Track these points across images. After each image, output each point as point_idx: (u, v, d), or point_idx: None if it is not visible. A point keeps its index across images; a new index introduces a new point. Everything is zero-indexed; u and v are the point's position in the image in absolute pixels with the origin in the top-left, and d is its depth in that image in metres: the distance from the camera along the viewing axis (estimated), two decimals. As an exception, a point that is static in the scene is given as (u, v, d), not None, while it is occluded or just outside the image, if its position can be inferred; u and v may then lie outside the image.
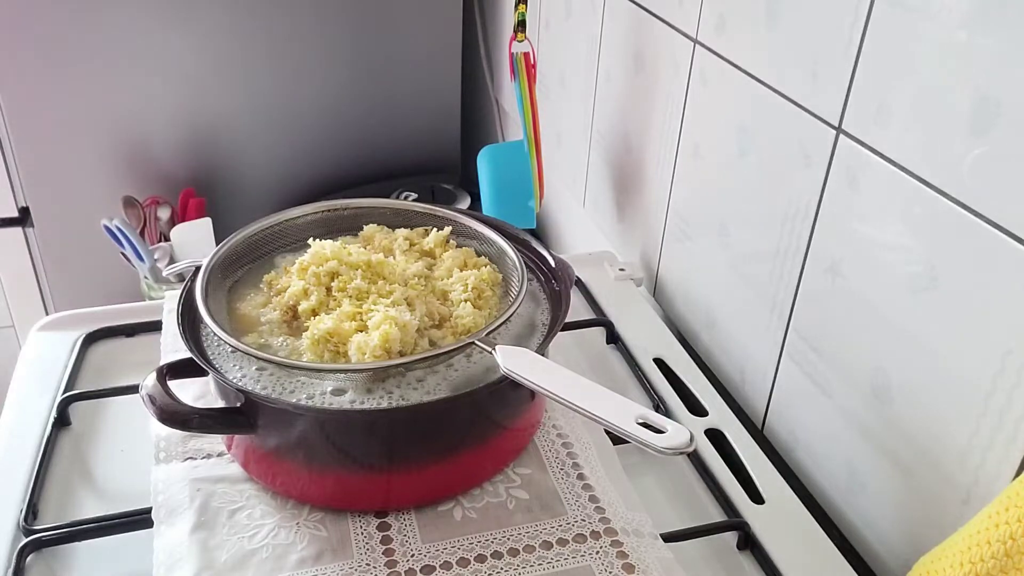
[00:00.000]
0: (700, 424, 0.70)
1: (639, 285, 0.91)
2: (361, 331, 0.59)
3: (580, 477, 0.61)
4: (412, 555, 0.55)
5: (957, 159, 0.50)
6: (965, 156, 0.49)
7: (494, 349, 0.56)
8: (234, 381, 0.57)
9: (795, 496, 0.64)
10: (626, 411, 0.50)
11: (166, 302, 0.78)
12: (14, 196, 1.29)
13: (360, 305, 0.61)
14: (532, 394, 0.62)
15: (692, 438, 0.49)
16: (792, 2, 0.63)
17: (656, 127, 0.86)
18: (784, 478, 0.65)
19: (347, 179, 1.37)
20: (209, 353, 0.60)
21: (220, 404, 0.60)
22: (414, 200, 1.31)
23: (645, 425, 0.49)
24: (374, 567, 0.54)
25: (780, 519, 0.61)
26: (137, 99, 1.22)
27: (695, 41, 0.77)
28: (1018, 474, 0.48)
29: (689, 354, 0.79)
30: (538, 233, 1.29)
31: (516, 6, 0.95)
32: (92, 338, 0.78)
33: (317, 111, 1.32)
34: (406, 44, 1.32)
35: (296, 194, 1.35)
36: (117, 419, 0.70)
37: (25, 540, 0.57)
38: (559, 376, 0.54)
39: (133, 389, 0.65)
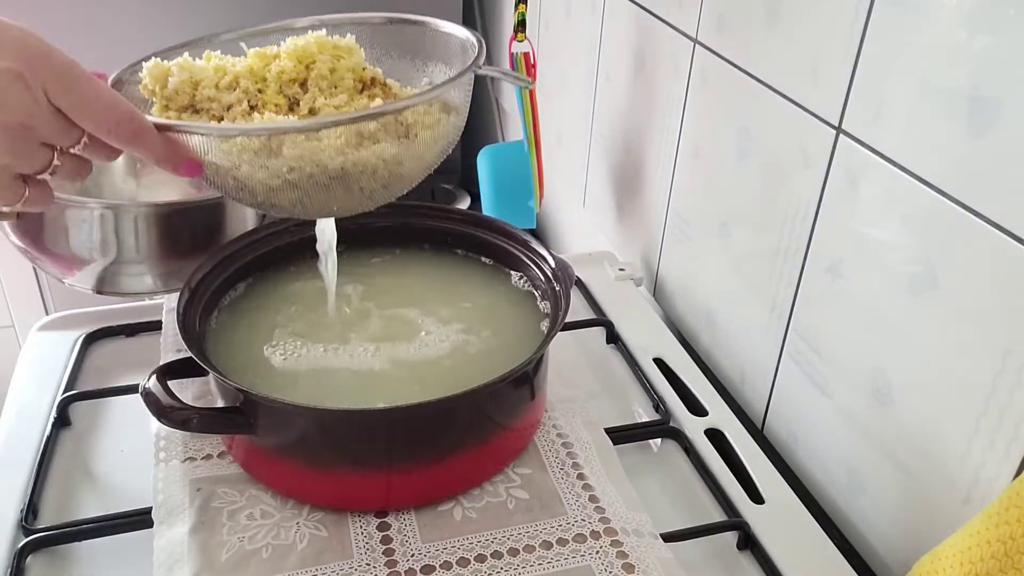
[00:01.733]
0: (700, 424, 0.70)
1: (639, 285, 0.91)
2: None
3: (580, 477, 0.61)
4: (412, 555, 0.55)
5: (957, 159, 0.50)
6: (965, 156, 0.49)
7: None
8: (233, 380, 0.57)
9: (795, 496, 0.64)
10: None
11: (166, 302, 0.78)
12: (14, 196, 1.29)
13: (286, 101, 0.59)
14: (532, 394, 0.62)
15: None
16: (792, 2, 0.63)
17: (656, 127, 0.86)
18: (784, 478, 0.65)
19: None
20: (209, 353, 0.60)
21: (220, 404, 0.60)
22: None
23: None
24: (374, 567, 0.54)
25: (780, 519, 0.61)
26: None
27: (695, 41, 0.77)
28: (1018, 474, 0.48)
29: (689, 354, 0.79)
30: (538, 233, 1.29)
31: (516, 6, 0.95)
32: (92, 338, 0.78)
33: (317, 111, 1.32)
34: (406, 44, 1.32)
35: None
36: (117, 419, 0.70)
37: (25, 540, 0.57)
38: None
39: (133, 389, 0.65)
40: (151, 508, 0.58)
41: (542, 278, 0.69)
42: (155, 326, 0.77)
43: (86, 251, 0.69)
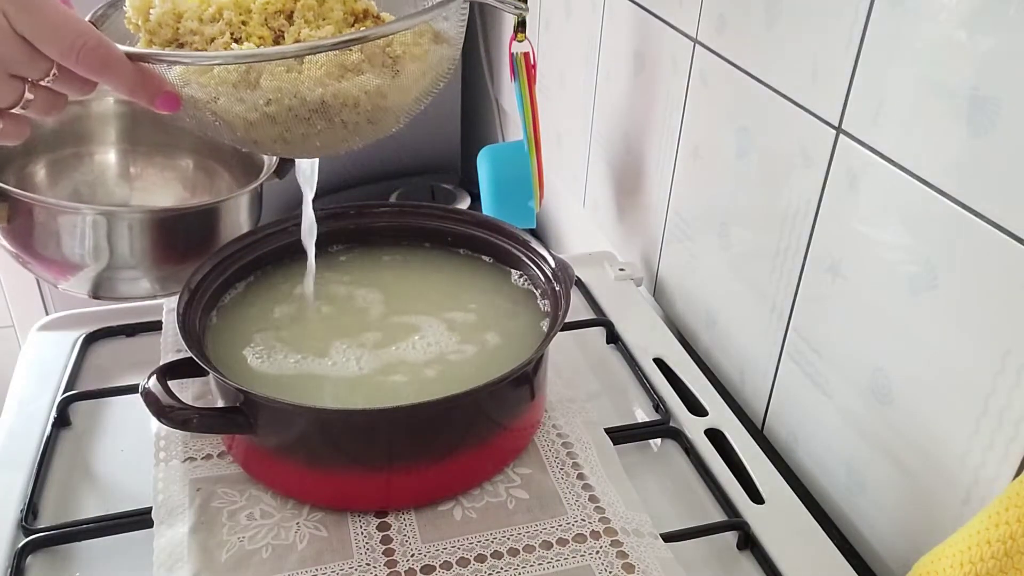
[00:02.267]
0: (700, 424, 0.70)
1: (639, 285, 0.91)
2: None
3: (580, 477, 0.61)
4: (412, 555, 0.55)
5: (957, 159, 0.50)
6: (965, 156, 0.49)
7: None
8: (234, 380, 0.57)
9: (795, 496, 0.64)
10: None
11: (166, 302, 0.78)
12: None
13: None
14: (532, 394, 0.62)
15: None
16: (792, 2, 0.63)
17: (656, 127, 0.86)
18: (784, 478, 0.65)
19: (347, 179, 1.37)
20: (209, 353, 0.60)
21: (220, 404, 0.60)
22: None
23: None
24: (374, 567, 0.54)
25: (780, 519, 0.61)
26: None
27: (695, 41, 0.77)
28: (1018, 474, 0.48)
29: (689, 354, 0.79)
30: (538, 233, 1.29)
31: (516, 6, 0.95)
32: (92, 338, 0.78)
33: (317, 111, 1.32)
34: (406, 44, 1.32)
35: (295, 195, 1.34)
36: (117, 419, 0.70)
37: (25, 540, 0.57)
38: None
39: (133, 389, 0.65)
40: (151, 508, 0.58)
41: (542, 278, 0.69)
42: (155, 326, 0.77)
43: (78, 256, 0.68)
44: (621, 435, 0.66)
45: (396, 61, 0.55)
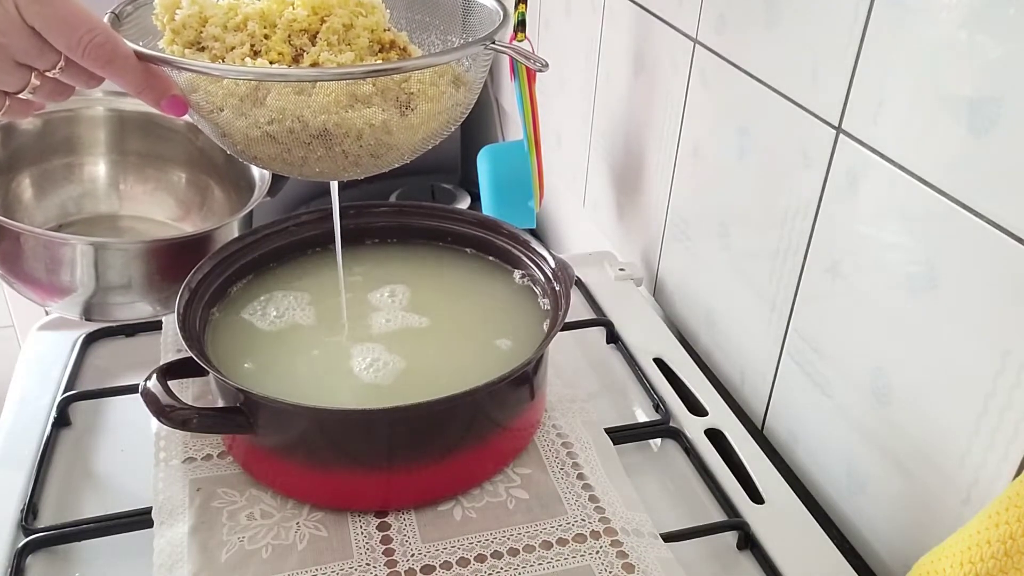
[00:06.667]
0: (700, 424, 0.70)
1: (639, 285, 0.91)
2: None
3: (580, 477, 0.61)
4: (412, 555, 0.55)
5: (957, 159, 0.50)
6: (965, 156, 0.49)
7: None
8: (232, 380, 0.57)
9: (795, 496, 0.64)
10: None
11: (166, 302, 0.78)
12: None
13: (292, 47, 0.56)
14: (532, 394, 0.62)
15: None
16: (792, 2, 0.63)
17: (656, 127, 0.86)
18: (784, 478, 0.65)
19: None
20: (209, 352, 0.60)
21: (220, 404, 0.60)
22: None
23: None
24: (374, 567, 0.54)
25: (780, 519, 0.61)
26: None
27: (695, 41, 0.77)
28: (1018, 474, 0.48)
29: (689, 354, 0.79)
30: (538, 233, 1.29)
31: (516, 6, 0.95)
32: (92, 338, 0.78)
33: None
34: (406, 44, 1.32)
35: (297, 195, 1.35)
36: (117, 419, 0.70)
37: (25, 540, 0.57)
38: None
39: (133, 389, 0.65)
40: (151, 508, 0.58)
41: (542, 278, 0.69)
42: (155, 326, 0.77)
43: (67, 282, 0.67)
44: (621, 435, 0.66)
45: (410, 98, 0.55)
